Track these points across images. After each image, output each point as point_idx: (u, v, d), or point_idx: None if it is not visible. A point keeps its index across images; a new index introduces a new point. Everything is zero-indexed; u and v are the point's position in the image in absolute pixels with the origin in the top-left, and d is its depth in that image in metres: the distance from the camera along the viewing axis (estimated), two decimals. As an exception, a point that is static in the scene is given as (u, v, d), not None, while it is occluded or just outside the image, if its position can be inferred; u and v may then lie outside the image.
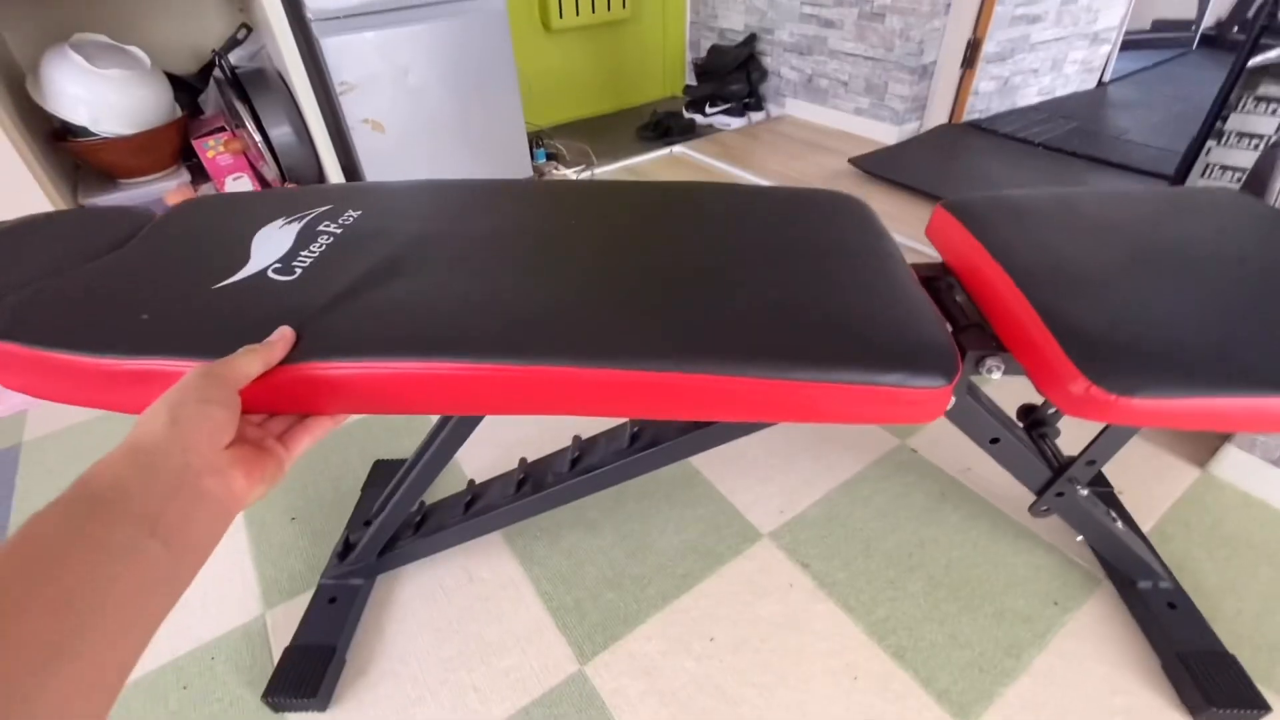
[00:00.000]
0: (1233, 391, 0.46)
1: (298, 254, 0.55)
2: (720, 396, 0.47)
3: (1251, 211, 0.66)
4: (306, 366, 0.44)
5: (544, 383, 0.46)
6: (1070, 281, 0.56)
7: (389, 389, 0.46)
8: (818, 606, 0.87)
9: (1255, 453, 0.98)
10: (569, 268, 0.56)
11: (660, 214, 0.66)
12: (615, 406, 0.48)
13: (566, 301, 0.51)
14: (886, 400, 0.47)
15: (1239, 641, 0.80)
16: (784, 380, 0.46)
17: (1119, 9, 2.58)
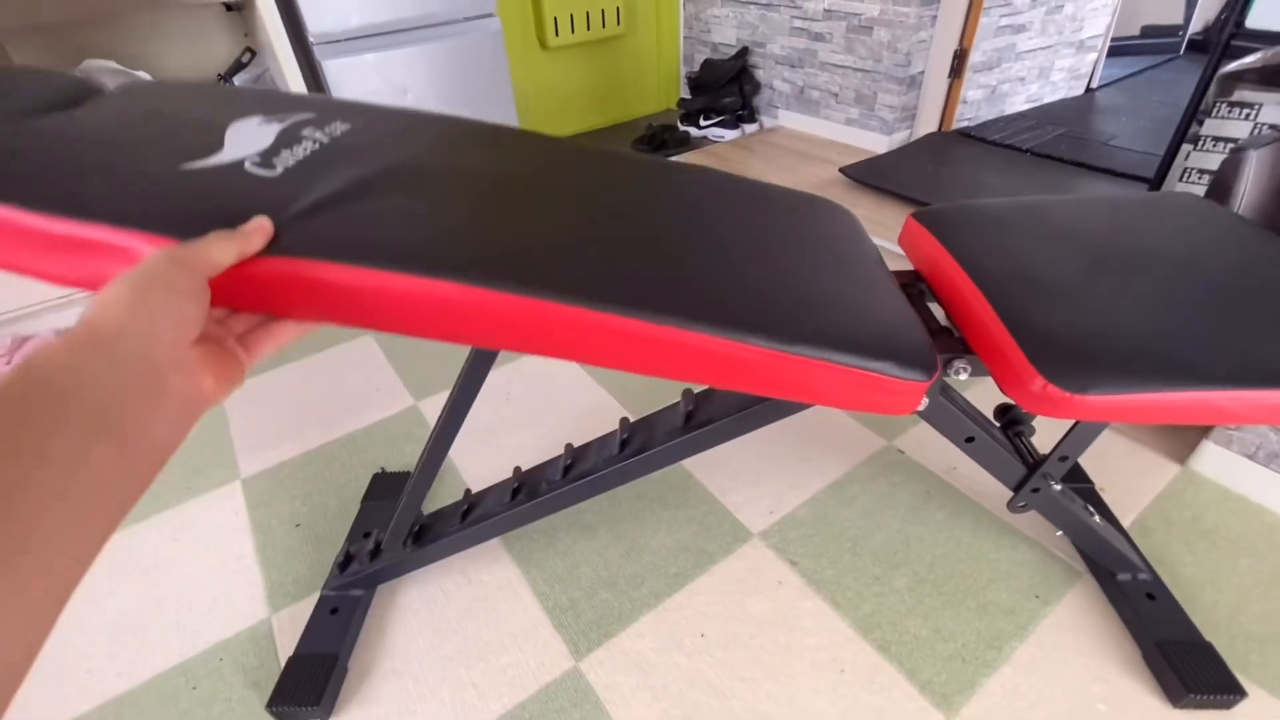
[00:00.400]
0: (1181, 386, 0.49)
1: (279, 152, 0.49)
2: (721, 360, 0.47)
3: (1209, 215, 0.70)
4: (284, 262, 0.40)
5: (543, 319, 0.43)
6: (1032, 286, 0.59)
7: (374, 301, 0.42)
8: (806, 603, 0.89)
9: (1233, 448, 1.00)
10: (585, 219, 0.54)
11: (661, 186, 0.65)
12: (614, 355, 0.46)
13: (578, 246, 0.49)
14: (872, 387, 0.50)
15: (1216, 630, 0.83)
16: (784, 353, 0.47)
17: (1104, 18, 2.62)
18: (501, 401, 1.28)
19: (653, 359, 0.47)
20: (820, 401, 0.51)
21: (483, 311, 0.43)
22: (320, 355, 1.46)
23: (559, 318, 0.44)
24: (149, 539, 1.04)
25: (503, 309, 0.43)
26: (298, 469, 1.16)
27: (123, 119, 0.52)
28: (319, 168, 0.48)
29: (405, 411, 1.28)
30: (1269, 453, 0.97)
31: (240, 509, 1.09)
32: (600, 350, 0.46)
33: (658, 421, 0.76)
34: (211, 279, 0.35)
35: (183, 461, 1.19)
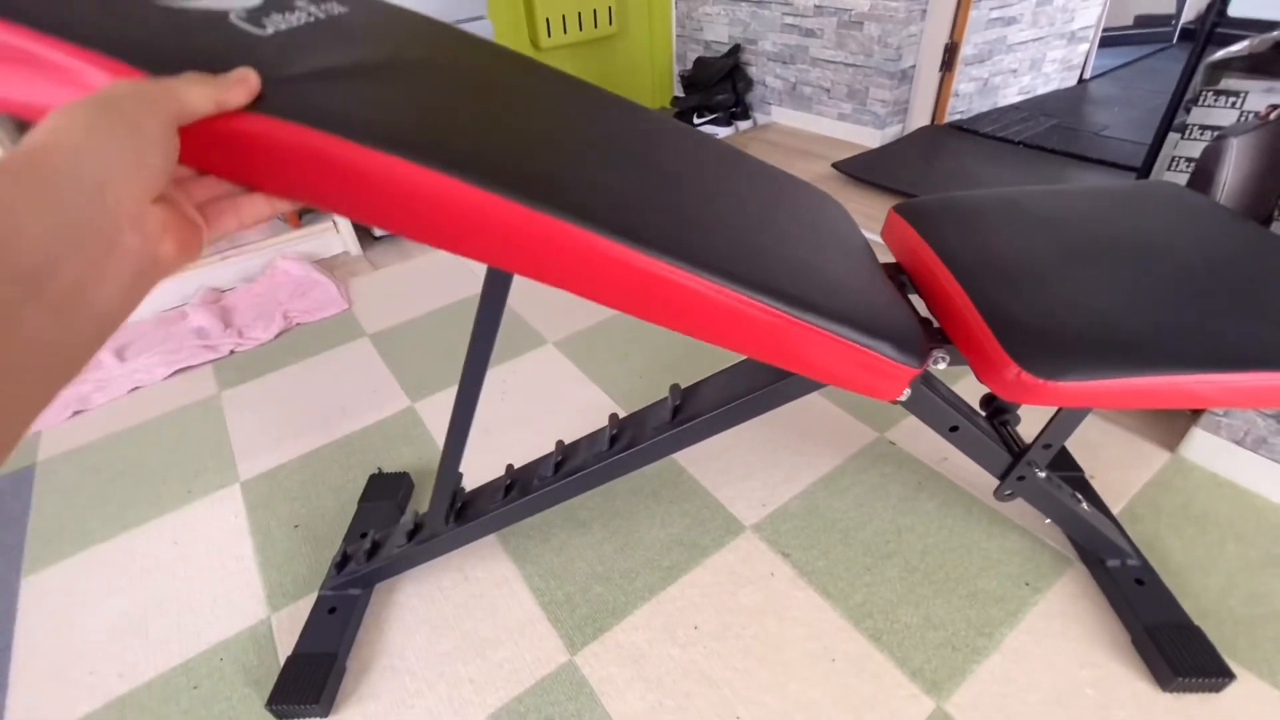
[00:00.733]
0: (1153, 371, 0.50)
1: (269, 13, 0.44)
2: (727, 315, 0.46)
3: (1185, 203, 0.70)
4: (268, 122, 0.35)
5: (549, 236, 0.41)
6: (1008, 277, 0.60)
7: (366, 184, 0.37)
8: (797, 594, 0.90)
9: (1221, 434, 1.01)
10: (595, 152, 0.51)
11: (672, 142, 0.63)
12: (618, 290, 0.44)
13: (589, 176, 0.46)
14: (866, 365, 0.51)
15: (1205, 614, 0.84)
16: (792, 317, 0.47)
17: (1095, 8, 2.63)
18: (497, 400, 1.29)
19: (658, 302, 0.45)
20: (812, 373, 0.52)
21: (484, 217, 0.39)
22: (317, 358, 1.47)
23: (567, 239, 0.41)
24: (150, 542, 1.05)
25: (507, 219, 0.39)
26: (296, 471, 1.17)
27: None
28: (313, 40, 0.43)
29: (402, 413, 1.29)
30: (1256, 438, 0.97)
31: (240, 511, 1.10)
32: (606, 283, 0.43)
33: (646, 417, 0.77)
34: (182, 127, 0.30)
35: (182, 465, 1.20)
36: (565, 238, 0.41)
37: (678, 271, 0.44)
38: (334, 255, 1.91)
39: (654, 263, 0.43)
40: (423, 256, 1.88)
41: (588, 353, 1.41)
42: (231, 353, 1.51)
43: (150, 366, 1.45)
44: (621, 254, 0.42)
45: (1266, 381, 0.47)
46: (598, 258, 0.42)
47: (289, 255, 1.81)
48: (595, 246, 0.42)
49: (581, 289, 0.44)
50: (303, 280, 1.74)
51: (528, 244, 0.41)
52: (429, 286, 1.72)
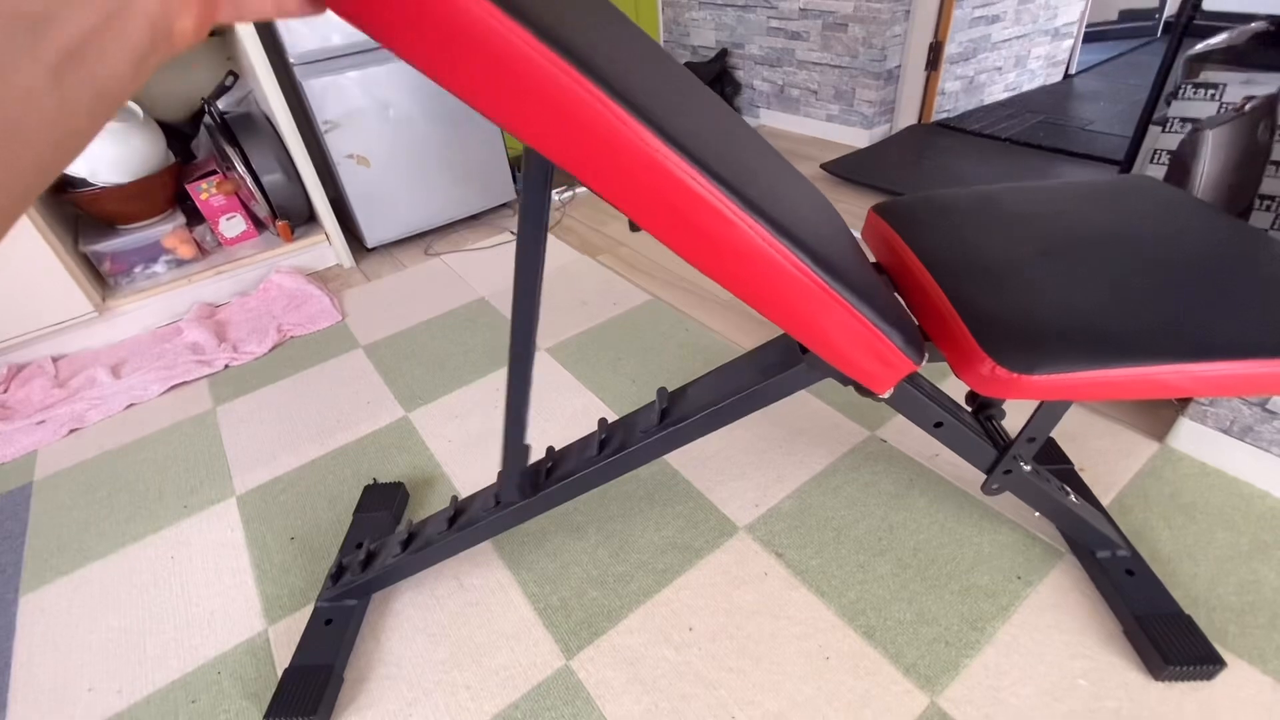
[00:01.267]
0: (1124, 363, 0.51)
1: None
2: (765, 264, 0.46)
3: (1159, 197, 0.71)
4: None
5: (618, 135, 0.39)
6: (984, 273, 0.61)
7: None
8: (791, 593, 0.91)
9: (1208, 423, 1.02)
10: (670, 94, 0.50)
11: (697, 89, 0.63)
12: (653, 203, 0.43)
13: (674, 105, 0.46)
14: (874, 349, 0.52)
15: (1195, 603, 0.84)
16: (824, 281, 0.47)
17: (1078, 4, 2.65)
18: (490, 407, 1.30)
19: (700, 228, 0.44)
20: (822, 345, 0.52)
21: (542, 79, 0.37)
22: (311, 370, 1.47)
23: (633, 140, 0.39)
24: (146, 558, 1.06)
25: (557, 82, 0.37)
26: (291, 483, 1.17)
27: None
28: None
29: (396, 423, 1.30)
30: (1243, 426, 0.98)
31: (236, 525, 1.10)
32: (655, 197, 0.42)
33: (635, 420, 0.77)
34: None
35: (178, 481, 1.21)
36: (634, 139, 0.39)
37: (731, 205, 0.43)
38: (327, 268, 1.92)
39: (714, 190, 0.42)
40: (414, 267, 1.89)
41: (580, 359, 1.42)
42: (226, 367, 1.52)
43: (145, 383, 1.46)
44: (681, 169, 0.41)
45: (1236, 370, 0.48)
46: (655, 164, 0.41)
47: (282, 269, 1.82)
48: (656, 153, 0.40)
49: (626, 196, 0.42)
50: (296, 293, 1.74)
51: (593, 129, 0.39)
52: (422, 297, 1.73)
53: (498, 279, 1.77)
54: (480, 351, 1.48)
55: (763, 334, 1.44)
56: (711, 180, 0.42)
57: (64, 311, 1.53)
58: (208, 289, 1.74)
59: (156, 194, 1.67)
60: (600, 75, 0.38)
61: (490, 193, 2.07)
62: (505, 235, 2.01)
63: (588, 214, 2.10)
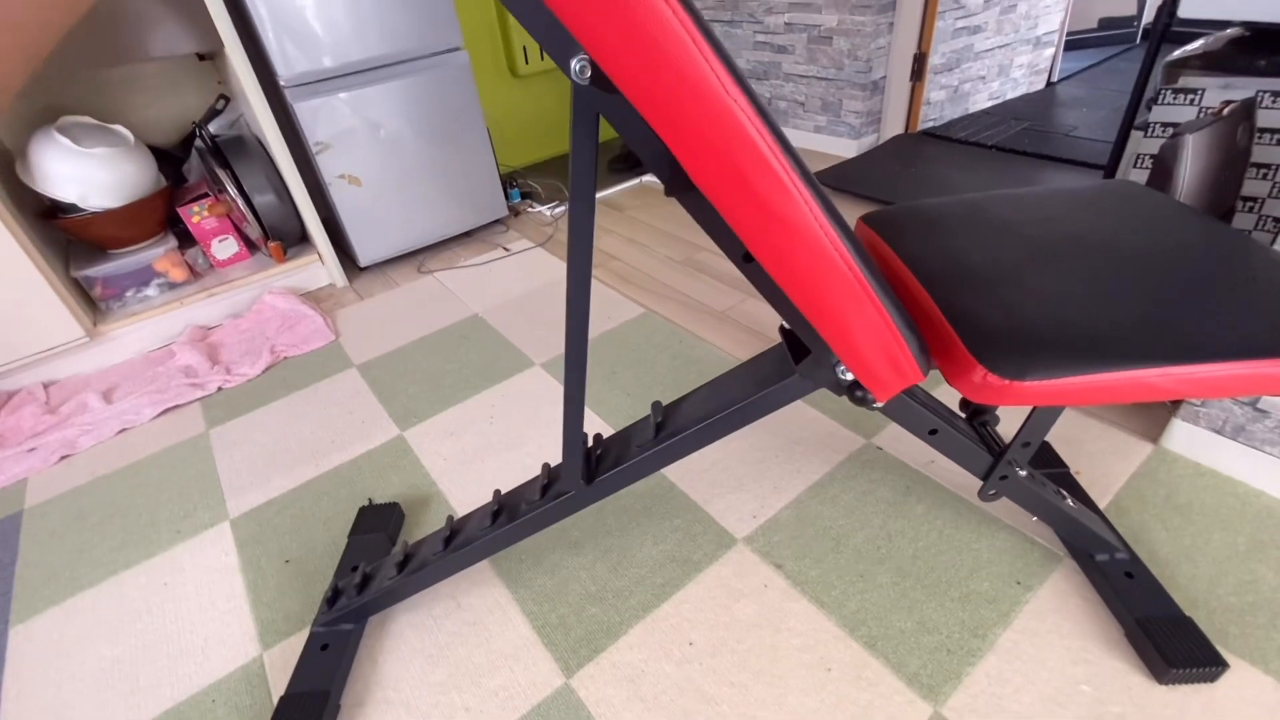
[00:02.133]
0: (1113, 367, 0.51)
1: None
2: (813, 245, 0.46)
3: (1143, 201, 0.72)
4: None
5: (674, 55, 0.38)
6: (972, 281, 0.61)
7: None
8: (792, 605, 0.90)
9: (1201, 424, 1.02)
10: None
11: None
12: (715, 157, 0.42)
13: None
14: (891, 352, 0.52)
15: (1195, 605, 0.84)
16: (864, 277, 0.48)
17: (1057, 14, 2.70)
18: (485, 424, 1.30)
19: (758, 194, 0.43)
20: (841, 341, 0.53)
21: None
22: (304, 391, 1.47)
23: (711, 81, 0.39)
24: (139, 585, 1.05)
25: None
26: (286, 505, 1.16)
27: None
28: None
29: (391, 442, 1.29)
30: (1235, 426, 0.99)
31: (230, 549, 1.09)
32: (719, 150, 0.41)
33: (630, 435, 0.77)
34: None
35: (171, 506, 1.19)
36: (713, 81, 0.39)
37: (797, 181, 0.43)
38: (320, 287, 1.92)
39: (780, 156, 0.42)
40: (408, 285, 1.89)
41: (575, 373, 1.41)
42: (219, 390, 1.51)
43: (137, 408, 1.45)
44: (754, 125, 0.40)
45: (1222, 371, 0.49)
46: (728, 113, 0.40)
47: (275, 290, 1.82)
48: (733, 101, 0.40)
49: (690, 142, 0.42)
50: (289, 314, 1.74)
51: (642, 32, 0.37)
52: (415, 315, 1.73)
53: (491, 295, 1.77)
54: (475, 368, 1.48)
55: (756, 345, 1.45)
56: (782, 149, 0.42)
57: (55, 338, 1.52)
58: (200, 311, 1.74)
59: (148, 218, 1.67)
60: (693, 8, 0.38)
61: (482, 209, 2.08)
62: (498, 251, 2.02)
63: (580, 229, 2.11)
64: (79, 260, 1.66)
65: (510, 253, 2.00)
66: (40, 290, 1.47)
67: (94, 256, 1.67)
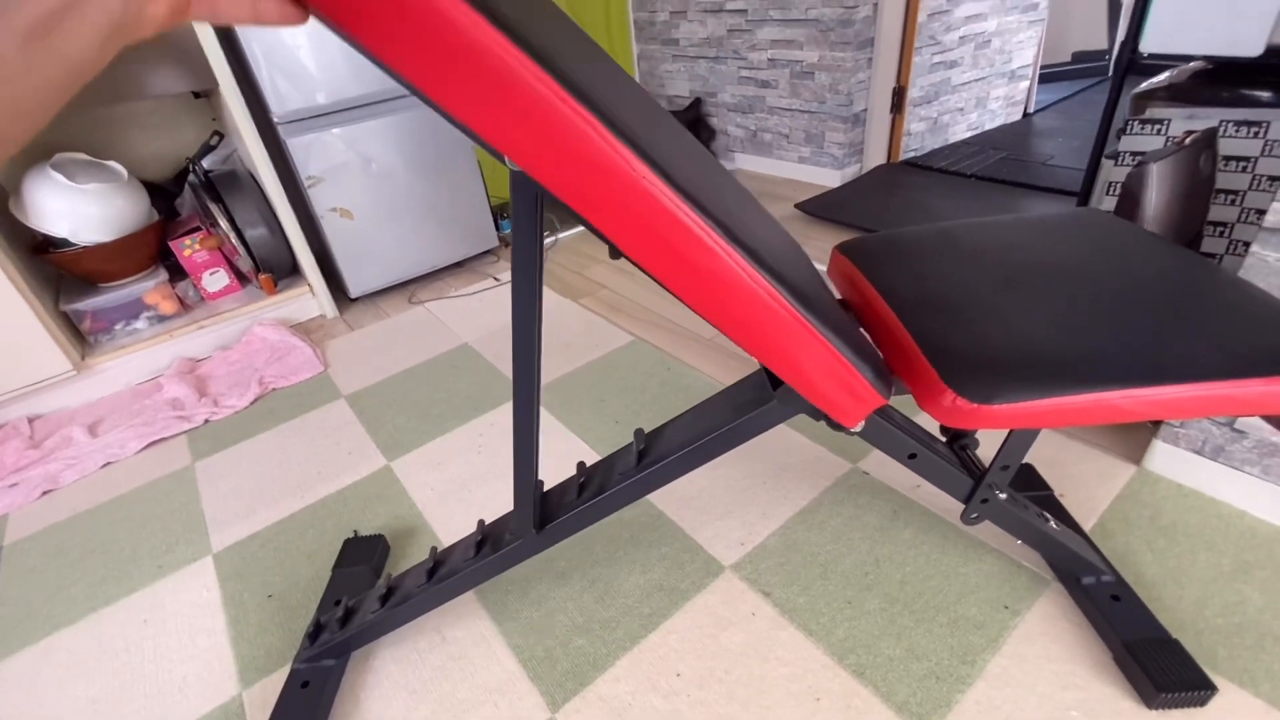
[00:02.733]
0: (1077, 390, 0.53)
1: None
2: (748, 297, 0.48)
3: (1108, 229, 0.75)
4: None
5: (603, 159, 0.41)
6: (943, 308, 0.63)
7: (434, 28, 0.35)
8: (780, 633, 0.89)
9: (1181, 445, 1.03)
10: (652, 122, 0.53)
11: (682, 135, 0.66)
12: (640, 230, 0.44)
13: (657, 136, 0.48)
14: (845, 382, 0.53)
15: (1182, 627, 0.84)
16: (803, 317, 0.49)
17: (1030, 49, 2.79)
18: (473, 454, 1.29)
19: (684, 256, 0.45)
20: (795, 377, 0.54)
21: (538, 99, 0.38)
22: (292, 422, 1.46)
23: (623, 167, 0.41)
24: (118, 623, 1.03)
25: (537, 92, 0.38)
26: (270, 538, 1.15)
27: None
28: None
29: (378, 472, 1.28)
30: (1214, 447, 1.00)
31: (212, 584, 1.07)
32: (642, 224, 0.44)
33: (614, 463, 0.77)
34: None
35: (153, 540, 1.18)
36: (609, 153, 0.41)
37: (717, 238, 0.44)
38: (310, 318, 1.93)
39: (698, 220, 0.44)
40: (398, 315, 1.90)
41: (563, 400, 1.42)
42: (206, 422, 1.50)
43: (123, 441, 1.44)
44: (668, 197, 0.42)
45: (1181, 394, 0.50)
46: (643, 191, 0.42)
47: (265, 321, 1.82)
48: (645, 180, 0.42)
49: (613, 222, 0.44)
50: (279, 345, 1.74)
51: (578, 151, 0.40)
52: (405, 345, 1.73)
53: (481, 324, 1.79)
54: (463, 398, 1.48)
55: (743, 370, 1.46)
56: (696, 210, 0.44)
57: (42, 371, 1.52)
58: (189, 343, 1.74)
59: (139, 251, 1.68)
60: (596, 104, 0.40)
61: (473, 240, 2.11)
62: (489, 281, 2.04)
63: (570, 259, 2.13)
64: (69, 293, 1.66)
65: (500, 282, 2.02)
66: (29, 324, 1.47)
67: (84, 290, 1.67)
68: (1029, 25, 2.71)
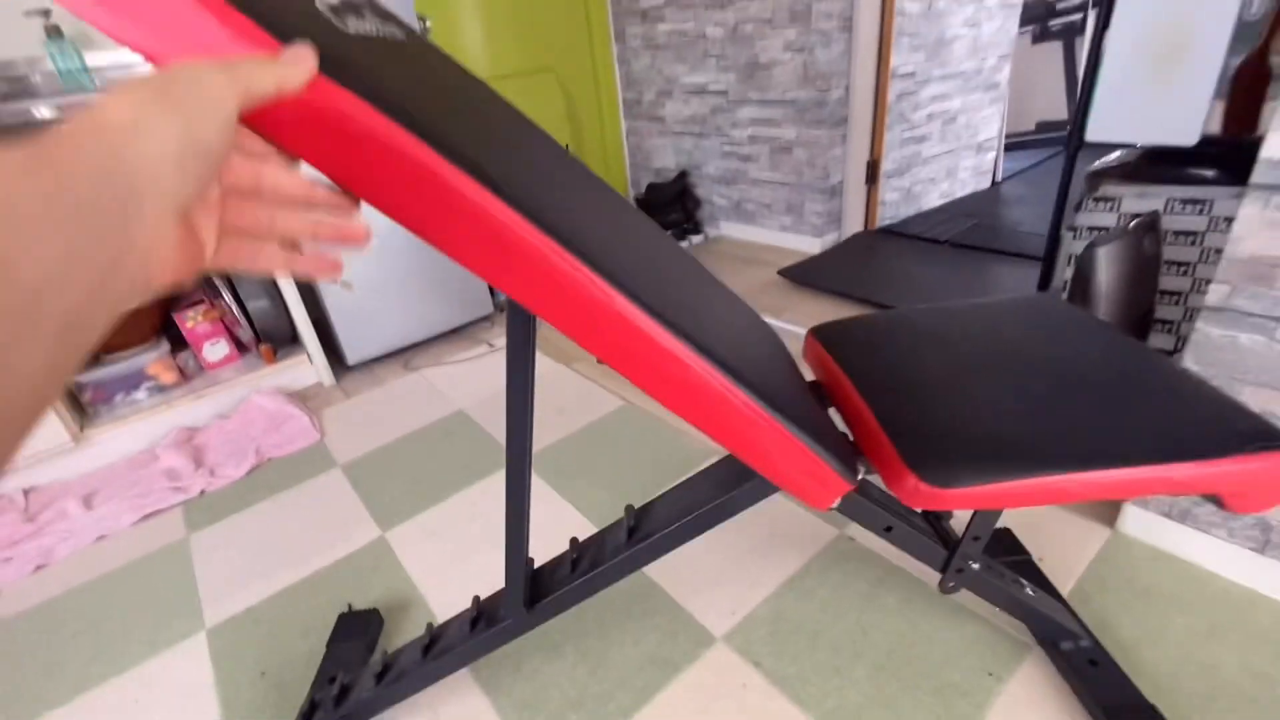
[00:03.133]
0: (1027, 474, 0.58)
1: (347, 15, 0.47)
2: (710, 397, 0.52)
3: (1062, 316, 0.81)
4: (326, 86, 0.35)
5: (574, 283, 0.46)
6: (906, 393, 0.68)
7: (419, 182, 0.41)
8: (771, 704, 0.91)
9: (1150, 509, 1.08)
10: (615, 228, 0.59)
11: (642, 228, 0.74)
12: (618, 351, 0.49)
13: (616, 245, 0.53)
14: (811, 470, 0.57)
15: (1159, 691, 0.86)
16: (764, 411, 0.53)
17: (994, 122, 2.99)
18: (466, 523, 1.31)
19: (659, 370, 0.50)
20: (764, 467, 0.58)
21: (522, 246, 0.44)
22: (288, 493, 1.48)
23: (571, 275, 0.46)
24: (107, 704, 1.02)
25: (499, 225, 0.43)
26: (264, 614, 1.16)
27: None
28: (385, 52, 0.47)
29: (373, 543, 1.30)
30: (1180, 510, 1.04)
31: (204, 662, 1.07)
32: (621, 347, 0.49)
33: (605, 539, 0.81)
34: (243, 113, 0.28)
35: (146, 616, 1.18)
36: (594, 291, 0.47)
37: (682, 348, 0.50)
38: (307, 387, 1.97)
39: (665, 335, 0.49)
40: (394, 382, 1.94)
41: (556, 468, 1.45)
42: (202, 493, 1.52)
43: (117, 514, 1.45)
44: (645, 324, 0.48)
45: (1118, 477, 0.55)
46: (622, 320, 0.48)
47: (263, 390, 1.86)
48: (625, 311, 0.48)
49: (599, 346, 0.50)
50: (276, 414, 1.78)
51: (554, 280, 0.46)
52: (400, 412, 1.77)
53: (476, 390, 1.83)
54: (458, 465, 1.51)
55: (732, 436, 1.50)
56: (662, 324, 0.49)
57: (41, 443, 1.54)
58: (188, 413, 1.77)
59: (143, 325, 1.73)
60: (584, 253, 0.46)
61: (469, 307, 2.18)
62: (483, 348, 2.09)
63: (562, 324, 2.20)
64: (72, 366, 1.70)
65: (495, 348, 2.08)
66: (31, 398, 1.50)
67: (88, 361, 1.71)
68: (991, 103, 2.91)
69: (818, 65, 2.20)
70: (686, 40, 2.58)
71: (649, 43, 2.75)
